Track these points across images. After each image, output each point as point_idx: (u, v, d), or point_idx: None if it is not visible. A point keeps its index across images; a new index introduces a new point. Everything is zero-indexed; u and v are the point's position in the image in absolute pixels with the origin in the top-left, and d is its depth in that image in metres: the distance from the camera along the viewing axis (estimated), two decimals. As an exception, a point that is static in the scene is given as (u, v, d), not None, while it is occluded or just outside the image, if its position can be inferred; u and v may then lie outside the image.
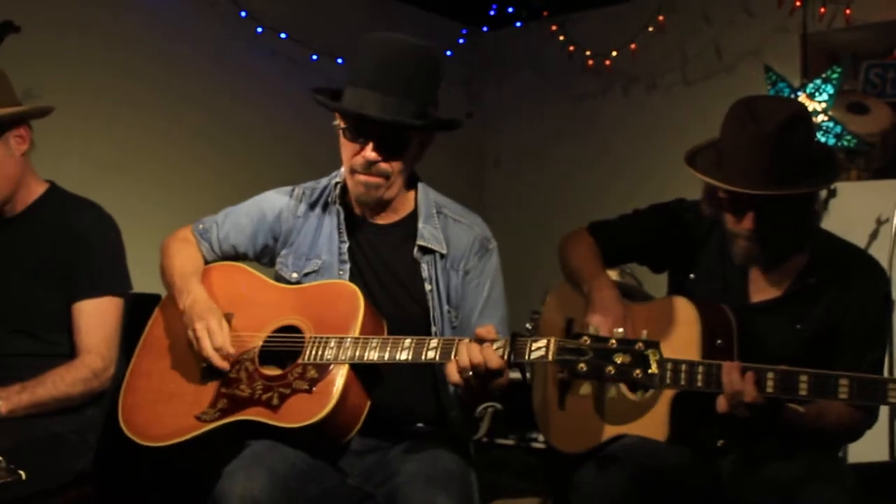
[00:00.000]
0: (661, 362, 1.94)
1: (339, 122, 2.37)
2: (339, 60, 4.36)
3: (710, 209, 2.48)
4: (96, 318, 2.62)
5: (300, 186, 2.57)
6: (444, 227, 2.47)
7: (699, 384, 2.25)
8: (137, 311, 2.76)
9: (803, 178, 2.29)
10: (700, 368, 2.26)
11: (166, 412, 2.35)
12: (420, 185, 2.51)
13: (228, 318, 2.40)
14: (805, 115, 2.37)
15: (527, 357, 2.05)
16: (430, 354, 2.15)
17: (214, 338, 2.30)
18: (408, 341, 2.20)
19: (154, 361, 2.48)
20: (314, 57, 4.38)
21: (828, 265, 2.43)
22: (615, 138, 5.07)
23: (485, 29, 5.45)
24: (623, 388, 2.51)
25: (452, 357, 2.10)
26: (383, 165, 2.32)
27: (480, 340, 2.08)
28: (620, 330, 1.98)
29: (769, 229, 2.34)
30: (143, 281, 2.82)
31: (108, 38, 3.69)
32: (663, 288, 2.74)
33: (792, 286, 2.44)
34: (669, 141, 2.61)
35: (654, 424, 2.40)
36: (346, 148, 2.35)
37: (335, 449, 2.30)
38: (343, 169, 2.43)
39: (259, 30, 4.22)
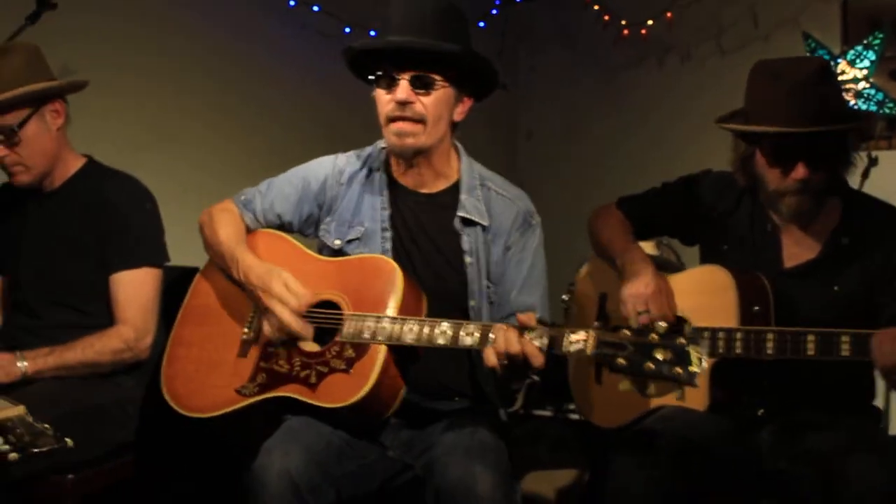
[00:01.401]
0: (703, 359, 1.87)
1: (374, 92, 2.37)
2: (372, 33, 4.33)
3: (745, 177, 2.50)
4: (132, 289, 2.67)
5: (344, 154, 2.57)
6: (486, 199, 2.45)
7: (738, 351, 2.26)
8: (176, 284, 2.79)
9: (843, 118, 2.34)
10: (738, 335, 2.27)
11: (207, 382, 2.38)
12: (464, 157, 2.51)
13: None
14: (828, 66, 2.43)
15: (564, 349, 2.01)
16: (468, 341, 2.13)
17: (288, 301, 2.28)
18: (445, 325, 2.17)
19: (194, 330, 2.50)
20: (347, 30, 4.37)
21: (860, 224, 2.43)
22: (650, 110, 5.03)
23: (518, 0, 5.41)
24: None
25: (490, 343, 2.08)
26: (417, 107, 2.30)
27: (520, 328, 2.06)
28: (664, 324, 1.92)
29: (817, 177, 2.35)
30: (181, 254, 2.85)
31: (143, 14, 3.70)
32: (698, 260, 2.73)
33: (825, 248, 2.44)
34: (706, 112, 2.58)
35: (693, 394, 2.39)
36: (381, 99, 2.35)
37: (373, 425, 2.32)
38: (382, 128, 2.40)
39: (292, 3, 4.23)
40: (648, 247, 3.25)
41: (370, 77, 2.37)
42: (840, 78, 4.19)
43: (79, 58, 3.32)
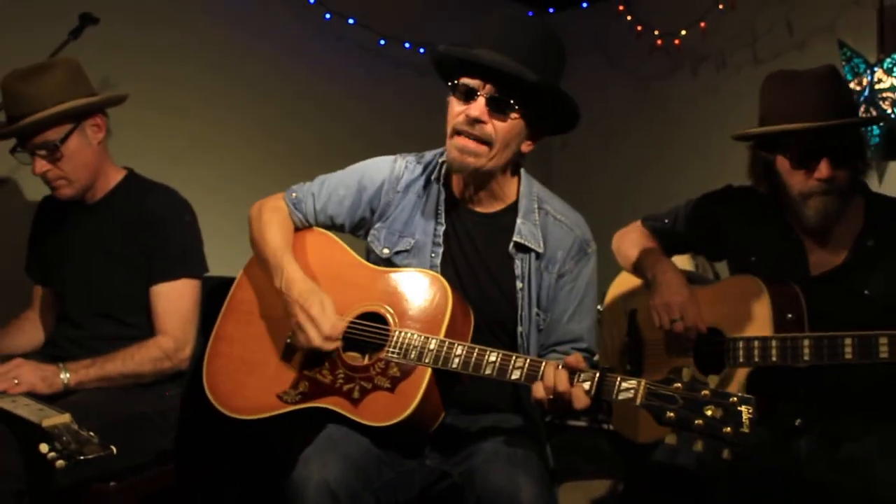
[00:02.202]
0: (754, 420, 1.84)
1: (451, 96, 2.29)
2: (407, 45, 4.39)
3: (767, 185, 2.52)
4: (172, 300, 2.71)
5: (402, 157, 2.50)
6: (543, 224, 2.39)
7: (774, 359, 2.28)
8: (214, 294, 2.82)
9: (857, 114, 2.43)
10: (774, 343, 2.29)
11: (248, 383, 2.38)
12: (524, 177, 2.44)
13: None
14: (837, 69, 2.48)
15: (614, 397, 1.98)
16: (515, 375, 2.10)
17: (322, 326, 2.25)
18: (493, 356, 2.14)
19: (238, 327, 2.49)
20: (382, 42, 4.40)
21: (884, 225, 2.44)
22: (685, 119, 5.01)
23: (551, 10, 5.43)
24: (694, 369, 2.53)
25: (539, 379, 2.06)
26: (488, 128, 2.23)
27: (570, 370, 2.03)
28: (716, 377, 1.93)
29: (840, 175, 2.38)
30: (220, 265, 2.89)
31: (182, 29, 3.75)
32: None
33: (851, 253, 2.44)
34: (742, 121, 2.59)
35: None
36: (454, 108, 2.27)
37: (412, 442, 2.32)
38: (447, 136, 2.33)
39: (327, 16, 4.26)
40: (683, 261, 3.25)
41: (450, 84, 2.29)
42: (876, 87, 4.17)
43: (120, 71, 3.38)
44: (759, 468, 2.31)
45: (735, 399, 1.85)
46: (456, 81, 2.26)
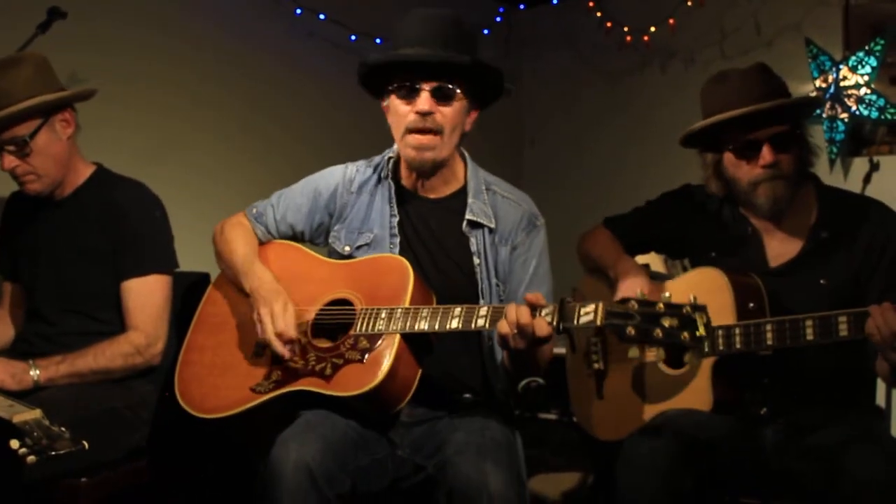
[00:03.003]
0: (709, 325, 1.94)
1: (387, 103, 2.44)
2: (378, 41, 4.39)
3: (718, 183, 2.62)
4: (143, 296, 2.70)
5: (353, 164, 2.63)
6: (493, 203, 2.52)
7: (738, 346, 2.34)
8: (186, 289, 2.84)
9: (789, 96, 2.52)
10: (737, 330, 2.34)
11: (222, 385, 2.42)
12: (469, 163, 2.58)
13: None
14: (765, 65, 2.59)
15: (575, 322, 2.07)
16: (480, 322, 2.19)
17: (277, 322, 2.34)
18: (458, 310, 2.23)
19: (208, 337, 2.55)
20: (353, 38, 4.41)
21: (837, 217, 2.51)
22: (654, 115, 5.04)
23: (521, 7, 5.45)
24: (662, 365, 2.57)
25: (503, 317, 2.13)
26: (438, 117, 2.37)
27: (531, 305, 2.12)
28: (668, 294, 2.00)
29: (784, 160, 2.46)
30: (191, 261, 2.89)
31: (150, 23, 3.73)
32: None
33: (806, 245, 2.52)
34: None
35: (697, 395, 2.45)
36: (399, 110, 2.40)
37: (385, 420, 2.36)
38: (395, 138, 2.47)
39: (298, 11, 4.26)
40: (656, 260, 3.30)
41: (388, 88, 2.42)
42: (841, 84, 4.24)
43: (88, 66, 3.36)
44: (727, 457, 2.34)
45: (688, 308, 1.95)
46: (395, 84, 2.40)
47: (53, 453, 2.03)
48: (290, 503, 2.07)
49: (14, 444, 2.02)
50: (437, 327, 2.23)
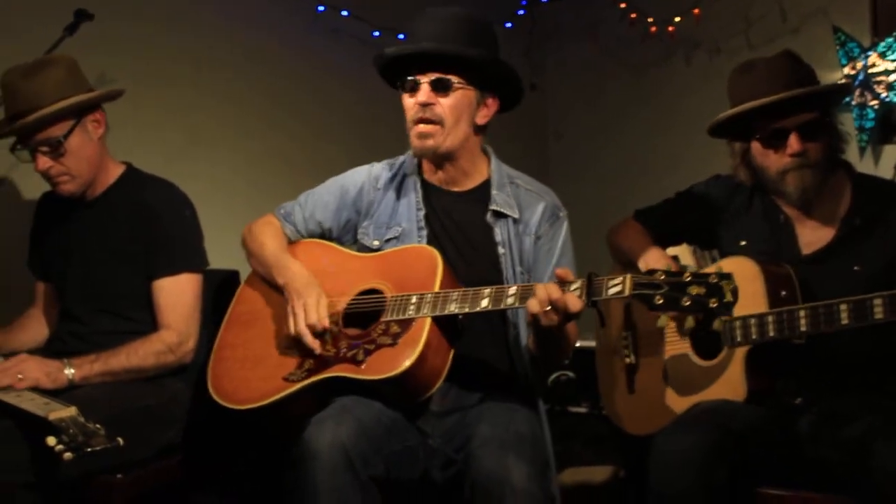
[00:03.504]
0: (735, 291, 1.98)
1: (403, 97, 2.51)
2: (401, 36, 4.39)
3: (748, 172, 2.61)
4: (174, 294, 2.73)
5: (378, 163, 2.70)
6: (516, 195, 2.57)
7: (772, 334, 2.34)
8: (215, 287, 2.87)
9: (817, 84, 2.50)
10: (770, 318, 2.34)
11: (254, 376, 2.45)
12: (493, 158, 2.63)
13: None
14: (792, 52, 2.57)
15: (604, 294, 2.10)
16: (510, 300, 2.23)
17: (310, 314, 2.39)
18: (487, 290, 2.27)
19: (239, 334, 2.58)
20: (376, 33, 4.42)
21: (870, 203, 2.50)
22: (680, 107, 5.00)
23: (543, 0, 5.43)
24: (693, 356, 2.56)
25: (532, 296, 2.17)
26: (437, 109, 2.45)
27: (560, 282, 2.16)
28: (694, 266, 2.02)
29: (812, 148, 2.45)
30: (219, 258, 2.92)
31: (175, 24, 3.74)
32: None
33: (839, 232, 2.50)
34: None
35: (730, 386, 2.44)
36: (406, 104, 2.50)
37: (416, 409, 2.38)
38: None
39: (321, 8, 4.27)
40: (686, 253, 3.30)
41: (398, 84, 2.52)
42: (870, 71, 4.19)
43: (115, 67, 3.39)
44: (759, 447, 2.33)
45: (714, 277, 2.01)
46: (403, 80, 2.49)
47: (89, 450, 2.07)
48: (324, 481, 2.09)
49: (50, 441, 2.05)
50: (467, 309, 2.26)
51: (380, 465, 2.20)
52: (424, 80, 2.45)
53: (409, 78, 2.47)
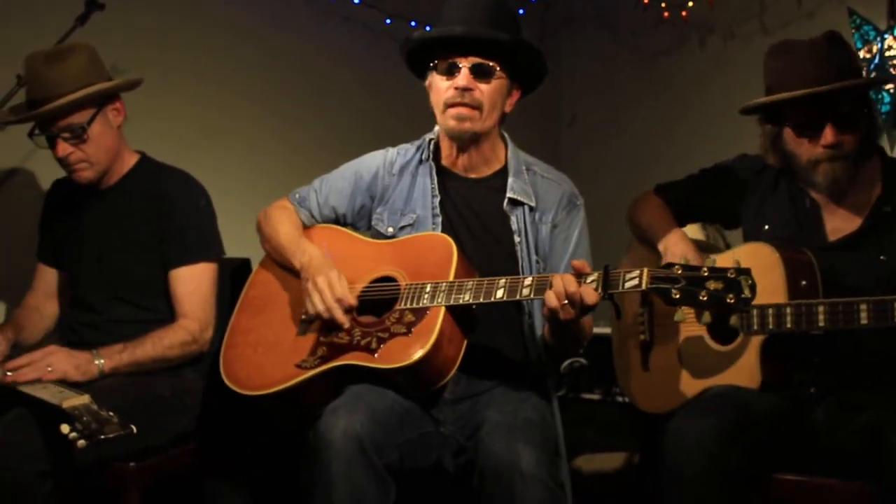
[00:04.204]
0: (754, 287, 1.95)
1: (429, 81, 2.52)
2: (413, 23, 4.39)
3: (777, 156, 2.54)
4: (192, 283, 2.74)
5: (394, 148, 2.68)
6: (533, 182, 2.56)
7: (789, 325, 2.31)
8: (228, 275, 2.87)
9: (860, 76, 2.42)
10: (788, 310, 2.31)
11: (266, 362, 2.44)
12: (510, 145, 2.62)
13: None
14: (837, 34, 2.48)
15: (621, 287, 2.09)
16: (525, 292, 2.22)
17: (335, 289, 2.38)
18: (502, 281, 2.26)
19: (251, 319, 2.58)
20: (388, 21, 4.40)
21: None
22: (694, 92, 4.98)
23: (557, -14, 5.42)
24: (709, 339, 2.55)
25: (547, 289, 2.15)
26: (476, 94, 2.43)
27: (576, 274, 2.14)
28: (714, 256, 2.00)
29: (847, 140, 2.39)
30: (232, 247, 2.92)
31: (187, 13, 3.74)
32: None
33: (868, 219, 2.45)
34: (751, 94, 2.58)
35: (744, 373, 2.43)
36: (439, 86, 2.47)
37: (429, 397, 2.38)
38: (437, 115, 2.52)
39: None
40: (694, 229, 3.28)
41: (430, 65, 2.50)
42: (887, 54, 4.16)
43: (127, 57, 3.39)
44: (773, 435, 2.32)
45: (733, 272, 1.98)
46: (436, 62, 2.47)
47: (102, 437, 2.08)
48: (339, 469, 2.09)
49: (64, 428, 2.07)
50: (482, 298, 2.25)
51: (394, 453, 2.20)
52: (465, 64, 2.43)
53: (450, 61, 2.44)
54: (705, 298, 1.98)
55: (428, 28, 2.62)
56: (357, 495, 2.09)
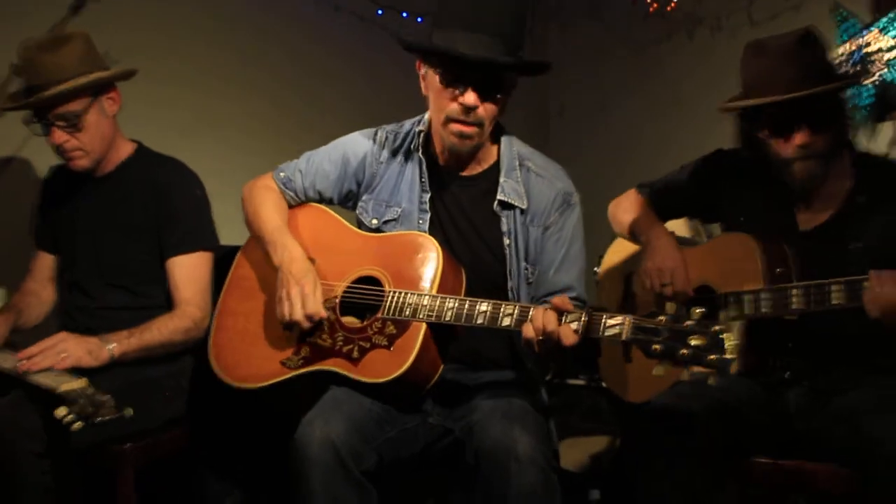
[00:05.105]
0: (736, 347, 1.89)
1: (424, 72, 2.41)
2: (405, 14, 4.41)
3: (752, 152, 2.57)
4: (190, 271, 2.76)
5: (382, 129, 2.60)
6: (526, 181, 2.47)
7: (765, 310, 2.36)
8: (222, 261, 2.87)
9: (834, 79, 2.41)
10: (764, 295, 2.36)
11: (253, 354, 2.45)
12: (504, 137, 2.52)
13: (312, 263, 2.45)
14: (811, 33, 2.46)
15: (601, 334, 2.03)
16: (506, 322, 2.16)
17: (307, 304, 2.33)
18: (484, 306, 2.20)
19: (240, 303, 2.58)
20: (379, 12, 4.42)
21: (877, 183, 2.47)
22: (682, 83, 4.99)
23: (547, -22, 5.43)
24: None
25: (527, 321, 2.12)
26: (480, 112, 2.33)
27: (557, 311, 2.09)
28: (699, 310, 1.93)
29: (819, 140, 2.41)
30: (225, 234, 2.94)
31: (179, 2, 3.74)
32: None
33: (841, 208, 2.48)
34: (737, 85, 2.61)
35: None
36: (441, 96, 2.35)
37: (413, 398, 2.38)
38: (429, 116, 2.47)
39: (323, -13, 4.30)
40: (680, 225, 3.33)
41: (432, 64, 2.36)
42: (869, 49, 4.18)
43: (120, 46, 3.40)
44: (752, 419, 2.36)
45: (717, 328, 1.90)
46: (437, 70, 2.33)
47: (98, 420, 2.12)
48: (317, 481, 2.10)
49: (60, 411, 2.10)
50: (462, 321, 2.22)
51: (372, 457, 2.20)
52: (473, 83, 2.30)
53: (458, 74, 2.30)
54: (685, 355, 1.91)
55: (405, 14, 2.47)
56: None
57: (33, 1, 3.25)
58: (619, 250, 3.02)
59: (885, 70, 4.15)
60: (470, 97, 2.30)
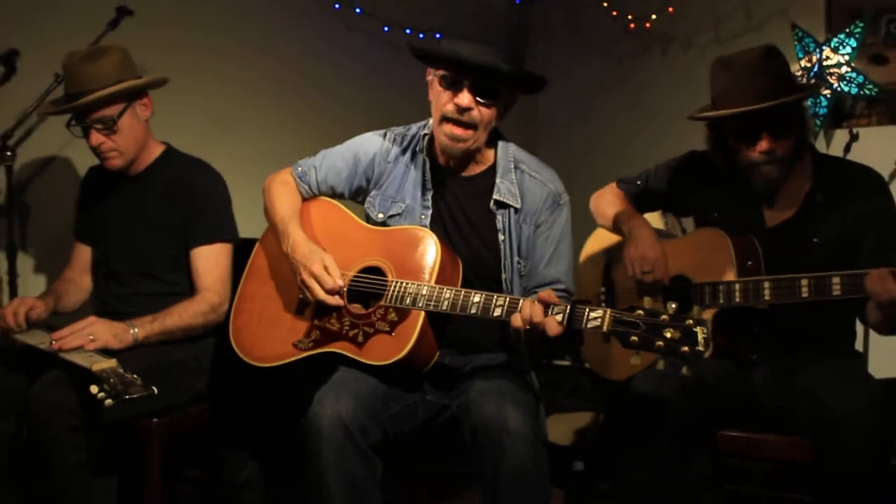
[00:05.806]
0: (708, 339, 1.87)
1: (431, 78, 2.35)
2: (407, 31, 4.39)
3: (721, 157, 2.53)
4: (211, 261, 2.71)
5: (392, 131, 2.55)
6: (520, 182, 2.42)
7: (737, 300, 2.34)
8: (241, 253, 2.82)
9: (789, 91, 2.36)
10: (737, 286, 2.34)
11: (268, 336, 2.42)
12: (501, 142, 2.47)
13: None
14: (773, 49, 2.43)
15: (583, 326, 2.02)
16: (497, 312, 2.14)
17: (324, 282, 2.29)
18: (477, 297, 2.18)
19: (258, 288, 2.54)
20: (385, 28, 4.38)
21: (832, 182, 2.44)
22: (655, 94, 4.95)
23: (535, 0, 5.37)
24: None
25: (517, 311, 2.09)
26: (475, 114, 2.28)
27: (544, 304, 2.06)
28: (674, 305, 1.91)
29: (781, 146, 2.37)
30: (244, 227, 2.89)
31: (208, 22, 3.71)
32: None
33: (801, 207, 2.46)
34: (706, 96, 2.58)
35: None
36: (440, 96, 2.31)
37: (413, 379, 2.34)
38: (432, 119, 2.41)
39: (336, 6, 4.24)
40: (654, 218, 3.27)
41: (435, 69, 2.32)
42: (825, 63, 4.14)
43: (154, 59, 3.33)
44: (723, 396, 2.33)
45: (690, 322, 1.88)
46: (440, 72, 2.30)
47: (127, 397, 2.07)
48: (329, 454, 2.07)
49: (93, 389, 2.06)
50: (457, 310, 2.19)
51: (378, 432, 2.17)
52: (469, 84, 2.25)
53: (455, 76, 2.26)
54: (661, 346, 1.89)
55: (408, 31, 2.44)
56: (347, 477, 2.07)
57: (77, 17, 3.22)
58: (597, 240, 2.96)
59: (839, 83, 4.11)
60: (465, 97, 2.26)
